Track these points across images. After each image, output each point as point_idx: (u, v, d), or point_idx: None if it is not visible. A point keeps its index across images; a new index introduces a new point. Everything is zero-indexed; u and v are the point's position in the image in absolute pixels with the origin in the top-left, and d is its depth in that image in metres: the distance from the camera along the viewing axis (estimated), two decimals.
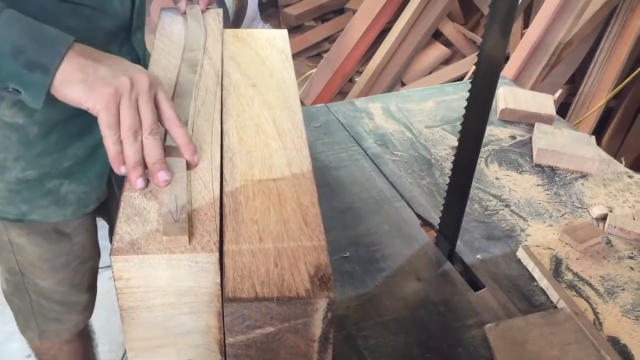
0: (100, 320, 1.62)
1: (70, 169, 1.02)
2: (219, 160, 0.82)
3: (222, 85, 0.99)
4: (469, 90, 0.93)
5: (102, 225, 1.38)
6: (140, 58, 1.07)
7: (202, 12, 1.15)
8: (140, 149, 0.75)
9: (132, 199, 0.75)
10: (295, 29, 3.66)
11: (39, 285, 1.16)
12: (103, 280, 1.32)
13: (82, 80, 0.74)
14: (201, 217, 0.72)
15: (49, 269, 1.14)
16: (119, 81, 0.74)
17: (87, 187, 1.06)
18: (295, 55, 3.38)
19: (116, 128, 0.74)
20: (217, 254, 0.68)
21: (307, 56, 3.53)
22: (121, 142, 0.74)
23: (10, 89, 0.75)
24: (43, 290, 1.17)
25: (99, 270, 1.53)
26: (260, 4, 3.80)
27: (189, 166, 0.78)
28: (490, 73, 0.90)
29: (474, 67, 0.92)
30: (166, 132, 0.82)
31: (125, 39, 1.03)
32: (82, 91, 0.74)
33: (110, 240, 1.36)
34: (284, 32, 1.16)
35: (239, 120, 0.91)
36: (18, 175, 0.99)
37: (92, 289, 1.26)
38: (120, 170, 0.75)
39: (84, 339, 1.39)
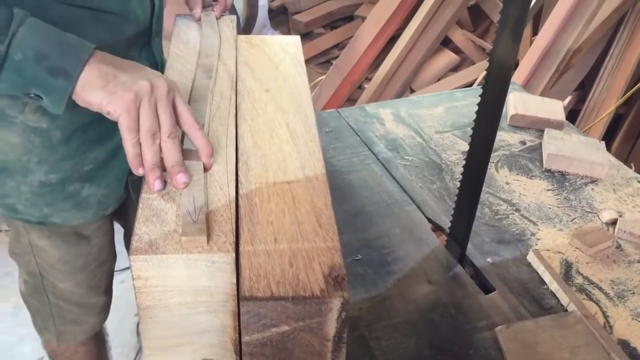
0: (113, 323, 1.64)
1: (91, 172, 1.04)
2: (234, 164, 0.84)
3: (236, 90, 1.00)
4: (479, 96, 0.94)
5: (117, 229, 1.40)
6: (159, 63, 1.09)
7: (217, 18, 1.17)
8: (159, 151, 0.77)
9: (150, 201, 0.76)
10: (304, 36, 3.68)
11: (58, 287, 1.18)
12: (115, 284, 1.33)
13: (102, 86, 0.76)
14: (217, 218, 0.74)
15: (68, 271, 1.15)
16: (138, 86, 0.76)
17: (107, 189, 1.08)
18: (304, 62, 3.39)
19: (135, 131, 0.76)
20: (234, 254, 0.69)
21: (316, 63, 3.55)
22: (140, 144, 0.76)
23: (32, 95, 0.77)
24: (62, 292, 1.19)
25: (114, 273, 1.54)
26: (270, 12, 3.83)
27: (205, 168, 0.80)
28: (501, 79, 0.91)
29: (483, 74, 0.93)
30: (183, 135, 0.84)
31: (145, 45, 1.05)
32: (103, 96, 0.76)
33: (125, 244, 1.38)
34: (296, 38, 1.18)
35: (253, 124, 0.93)
36: (41, 178, 1.01)
37: (108, 292, 1.28)
38: (138, 171, 0.77)
39: (99, 341, 1.41)
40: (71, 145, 1.00)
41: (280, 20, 3.96)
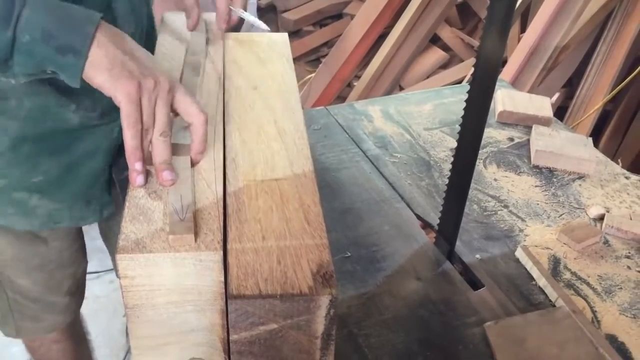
0: (101, 324, 1.63)
1: (40, 184, 1.01)
2: (222, 161, 0.83)
3: (224, 88, 1.00)
4: (467, 93, 0.95)
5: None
6: (140, 28, 1.07)
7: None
8: (147, 147, 0.77)
9: (137, 199, 0.76)
10: (293, 34, 3.67)
11: (16, 283, 1.16)
12: (104, 285, 1.32)
13: (109, 69, 0.75)
14: (205, 216, 0.73)
15: (24, 269, 1.13)
16: (144, 79, 0.76)
17: (58, 204, 1.04)
18: (294, 60, 3.38)
19: (136, 122, 0.75)
20: (221, 253, 0.69)
21: (305, 61, 3.55)
22: (140, 137, 0.76)
23: (49, 72, 0.76)
24: (20, 288, 1.17)
25: (100, 273, 1.53)
26: (258, 9, 3.82)
27: (192, 163, 0.80)
28: (488, 75, 0.91)
29: (472, 71, 0.93)
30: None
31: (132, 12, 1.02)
32: (107, 79, 0.75)
33: (105, 244, 1.37)
34: (284, 36, 1.18)
35: (241, 122, 0.93)
36: None
37: (73, 293, 1.25)
38: (135, 165, 0.76)
39: (75, 339, 1.39)
40: (20, 153, 0.97)
41: (269, 17, 3.95)
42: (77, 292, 1.28)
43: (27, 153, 0.97)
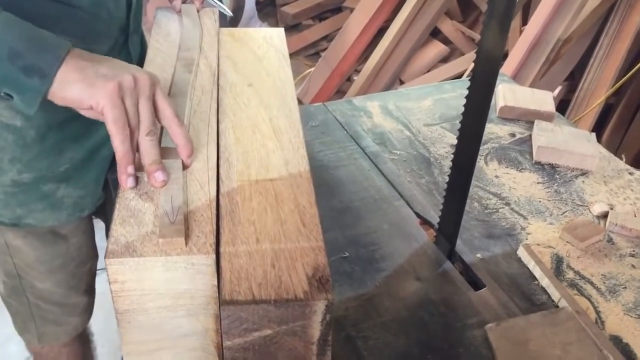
0: (99, 323, 1.61)
1: (67, 172, 1.01)
2: (215, 161, 0.81)
3: (218, 85, 0.98)
4: (467, 88, 0.92)
5: (100, 226, 1.37)
6: (134, 61, 1.06)
7: (198, 11, 1.14)
8: (135, 148, 0.75)
9: (127, 201, 0.74)
10: (292, 28, 3.65)
11: (37, 287, 1.15)
12: (101, 283, 1.30)
13: (81, 79, 0.73)
14: (197, 218, 0.71)
15: (46, 270, 1.13)
16: (122, 78, 0.73)
17: (83, 191, 1.05)
18: (293, 54, 3.37)
19: (123, 125, 0.73)
20: (214, 256, 0.67)
21: (305, 55, 3.52)
22: (130, 141, 0.73)
23: (2, 94, 0.74)
24: (41, 292, 1.16)
25: (97, 272, 1.51)
26: (257, 3, 3.79)
27: (183, 167, 0.78)
28: (489, 70, 0.89)
29: (472, 65, 0.91)
30: (161, 133, 0.81)
31: (124, 43, 1.02)
32: (82, 89, 0.73)
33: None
34: (280, 31, 1.16)
35: (235, 120, 0.91)
36: (14, 177, 0.98)
37: (90, 292, 1.25)
38: (127, 170, 0.74)
39: (83, 342, 1.39)
40: (46, 143, 0.97)
41: (268, 11, 3.92)
42: (93, 291, 1.28)
43: (53, 142, 0.97)
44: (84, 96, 0.73)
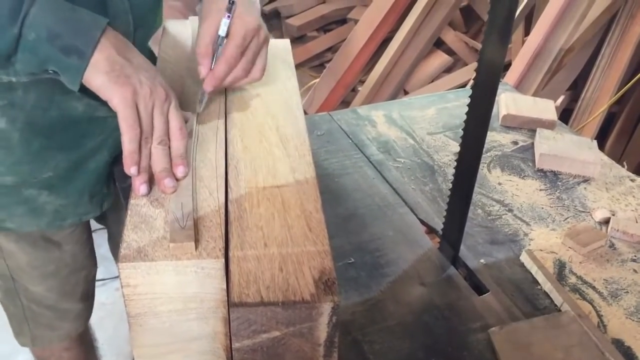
0: (108, 331, 1.63)
1: (50, 180, 1.01)
2: (223, 169, 0.83)
3: (225, 95, 1.00)
4: (469, 97, 0.94)
5: (106, 238, 1.38)
6: None
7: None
8: (148, 155, 0.77)
9: (139, 208, 0.76)
10: (297, 40, 3.68)
11: (30, 290, 1.16)
12: (110, 292, 1.33)
13: (107, 72, 0.76)
14: (207, 224, 0.73)
15: (38, 275, 1.13)
16: (140, 85, 0.77)
17: (65, 200, 1.04)
18: (298, 66, 3.39)
19: (134, 126, 0.76)
20: (223, 260, 0.69)
21: (309, 66, 3.55)
22: (138, 141, 0.76)
23: (51, 71, 0.77)
24: (34, 296, 1.17)
25: (106, 281, 1.54)
26: (262, 15, 3.82)
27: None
28: (490, 79, 0.91)
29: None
30: None
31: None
32: (105, 81, 0.76)
33: (112, 251, 1.37)
34: (286, 42, 1.18)
35: (243, 128, 0.93)
36: None
37: (85, 299, 1.26)
38: (130, 170, 0.77)
39: (85, 347, 1.39)
40: (31, 148, 0.96)
41: (273, 24, 3.95)
42: (89, 298, 1.28)
43: (38, 148, 0.97)
44: (102, 87, 0.76)
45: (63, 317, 1.24)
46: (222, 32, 0.91)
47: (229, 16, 0.90)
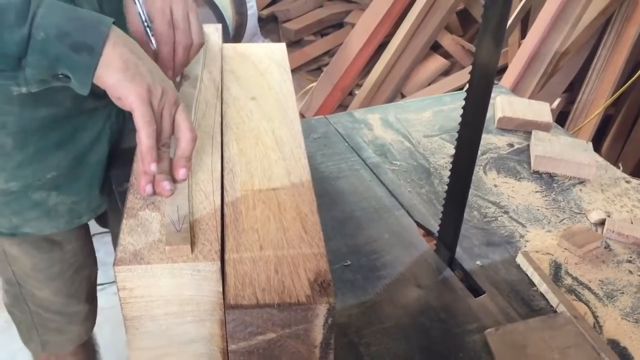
0: (106, 335, 1.63)
1: (56, 180, 1.01)
2: (219, 172, 0.84)
3: (221, 99, 1.00)
4: (464, 99, 0.95)
5: (106, 241, 1.39)
6: None
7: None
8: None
9: (135, 211, 0.76)
10: (295, 44, 3.69)
11: (37, 296, 1.16)
12: (109, 296, 1.32)
13: (122, 70, 0.76)
14: (203, 227, 0.74)
15: (44, 278, 1.14)
16: (154, 85, 0.77)
17: (77, 197, 1.05)
18: (295, 70, 3.41)
19: (150, 119, 0.76)
20: (219, 263, 0.69)
21: (307, 70, 3.56)
22: (154, 137, 0.76)
23: (61, 75, 0.77)
24: (41, 301, 1.17)
25: (104, 285, 1.53)
26: (260, 20, 3.84)
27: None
28: (484, 82, 0.91)
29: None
30: None
31: None
32: (120, 79, 0.76)
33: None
34: (282, 46, 1.19)
35: (238, 132, 0.93)
36: (1, 186, 0.99)
37: (90, 300, 1.26)
38: (150, 167, 0.76)
39: (89, 352, 1.40)
40: (27, 151, 0.97)
41: (270, 28, 3.97)
42: (94, 299, 1.29)
43: (35, 149, 0.98)
44: (118, 87, 0.76)
45: (71, 321, 1.24)
46: (144, 18, 0.91)
47: (137, 1, 0.91)
